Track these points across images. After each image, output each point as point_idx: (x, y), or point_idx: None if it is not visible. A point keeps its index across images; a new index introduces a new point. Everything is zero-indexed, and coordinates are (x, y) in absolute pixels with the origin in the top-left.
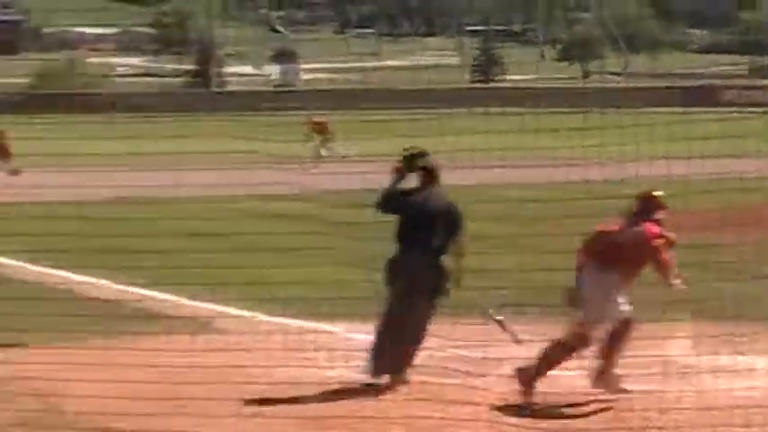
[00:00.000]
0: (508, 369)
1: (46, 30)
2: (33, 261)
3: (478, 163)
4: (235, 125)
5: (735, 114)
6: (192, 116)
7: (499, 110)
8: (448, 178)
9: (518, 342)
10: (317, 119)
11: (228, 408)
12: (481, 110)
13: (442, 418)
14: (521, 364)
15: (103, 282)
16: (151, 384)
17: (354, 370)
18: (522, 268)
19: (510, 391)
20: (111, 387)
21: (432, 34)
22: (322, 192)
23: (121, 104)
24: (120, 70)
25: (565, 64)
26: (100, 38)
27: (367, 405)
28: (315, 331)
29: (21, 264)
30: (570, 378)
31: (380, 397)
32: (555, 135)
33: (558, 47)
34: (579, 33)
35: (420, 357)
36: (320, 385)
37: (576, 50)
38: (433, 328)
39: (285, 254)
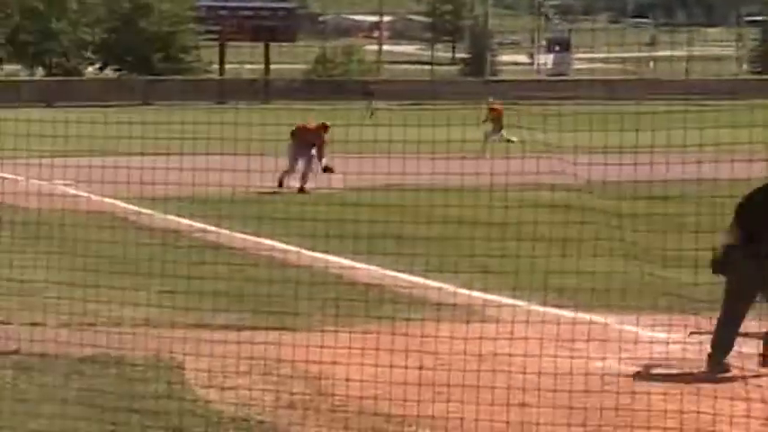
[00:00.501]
0: None
1: (322, 17)
2: (306, 246)
3: (755, 156)
4: (506, 114)
5: None
6: (464, 104)
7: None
8: (718, 172)
9: None
10: (494, 105)
11: (496, 396)
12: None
13: (714, 414)
14: None
15: (374, 267)
16: (418, 371)
17: (625, 362)
18: None
19: None
20: (378, 372)
21: (711, 24)
22: (597, 182)
23: (396, 91)
24: (395, 58)
25: None
26: (374, 25)
27: (637, 398)
28: (587, 322)
29: (294, 248)
30: None
31: (651, 390)
32: None
33: None
34: None
35: (691, 351)
36: (589, 376)
37: None
38: (706, 323)
39: (559, 244)
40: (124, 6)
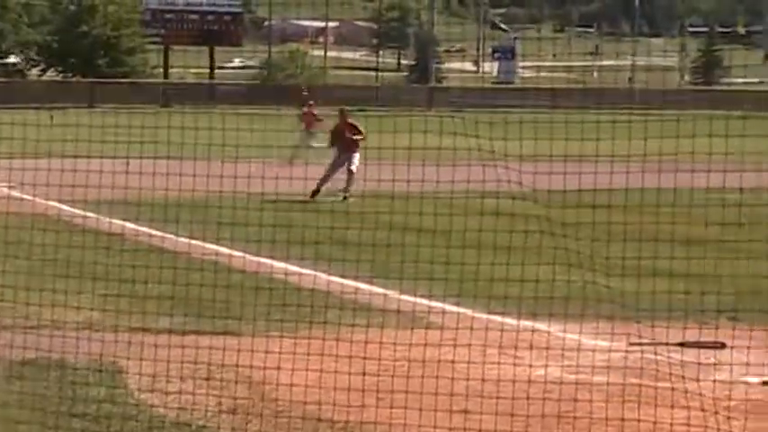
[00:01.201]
0: (723, 374)
1: (267, 22)
2: (251, 251)
3: (697, 167)
4: (451, 121)
5: None
6: (410, 111)
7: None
8: (662, 182)
9: (722, 346)
10: (314, 110)
11: (438, 403)
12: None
13: (655, 422)
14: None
15: (319, 273)
16: (362, 376)
17: (567, 370)
18: (735, 273)
19: (724, 396)
20: (322, 378)
21: (655, 35)
22: (543, 191)
23: (339, 97)
24: (340, 63)
25: None
26: (320, 31)
27: (579, 405)
28: (530, 330)
29: (239, 253)
30: None
31: (593, 398)
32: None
33: None
34: None
35: (632, 360)
36: (531, 384)
37: None
38: (648, 332)
39: (503, 251)
40: (69, 8)
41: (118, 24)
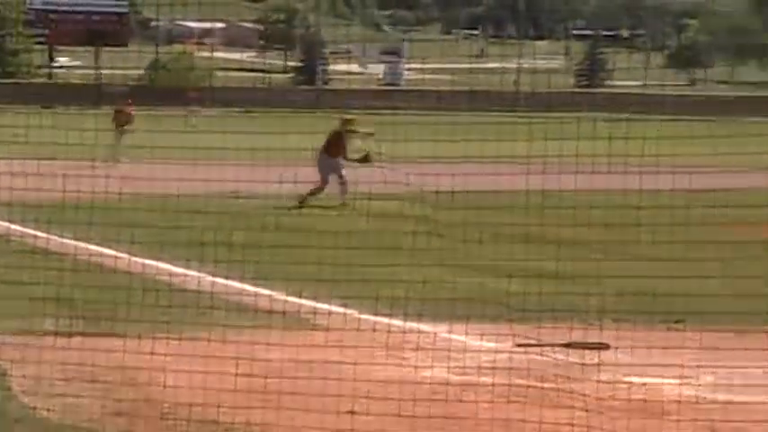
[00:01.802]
0: (606, 375)
1: (154, 23)
2: (136, 252)
3: (581, 168)
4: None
5: None
6: (296, 113)
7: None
8: (547, 184)
9: (606, 347)
10: (131, 110)
11: (325, 404)
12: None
13: (539, 422)
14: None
15: (204, 275)
16: (248, 378)
17: (454, 371)
18: (619, 274)
19: (608, 396)
20: (207, 379)
21: (540, 38)
22: (428, 192)
23: (226, 99)
24: (227, 65)
25: (671, 71)
26: (206, 32)
27: (465, 407)
28: (416, 331)
29: (125, 255)
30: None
31: (479, 399)
32: (656, 143)
33: (666, 53)
34: (687, 40)
35: (518, 361)
36: (418, 385)
37: (683, 58)
38: (533, 333)
39: (390, 253)
40: None
41: (2, 24)
